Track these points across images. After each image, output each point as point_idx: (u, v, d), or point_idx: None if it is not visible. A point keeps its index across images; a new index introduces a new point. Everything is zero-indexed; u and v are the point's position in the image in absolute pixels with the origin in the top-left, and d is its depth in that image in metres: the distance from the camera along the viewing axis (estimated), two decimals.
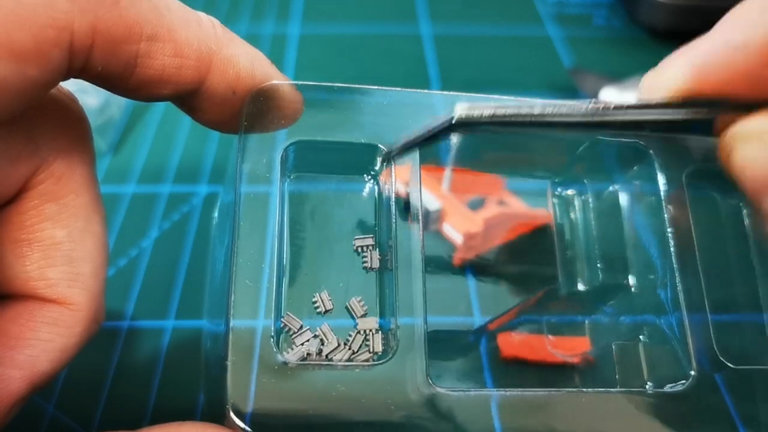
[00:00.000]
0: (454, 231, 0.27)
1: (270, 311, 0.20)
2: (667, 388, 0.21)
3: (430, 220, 0.26)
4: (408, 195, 0.22)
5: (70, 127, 0.20)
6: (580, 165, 0.26)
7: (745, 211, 0.27)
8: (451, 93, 0.24)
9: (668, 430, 0.20)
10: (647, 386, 0.23)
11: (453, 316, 0.25)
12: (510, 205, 0.28)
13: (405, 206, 0.22)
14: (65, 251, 0.19)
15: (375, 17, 0.47)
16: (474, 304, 0.25)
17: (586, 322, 0.26)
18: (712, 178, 0.26)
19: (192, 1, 0.19)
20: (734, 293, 0.26)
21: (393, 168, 0.23)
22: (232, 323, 0.19)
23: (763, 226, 0.26)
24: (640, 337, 0.25)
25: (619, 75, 0.39)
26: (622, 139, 0.25)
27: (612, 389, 0.21)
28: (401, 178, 0.22)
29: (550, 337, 0.25)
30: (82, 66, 0.17)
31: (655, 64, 0.42)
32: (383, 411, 0.19)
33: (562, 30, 0.47)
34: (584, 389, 0.21)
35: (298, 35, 0.45)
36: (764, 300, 0.25)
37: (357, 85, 0.23)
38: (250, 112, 0.21)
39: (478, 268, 0.27)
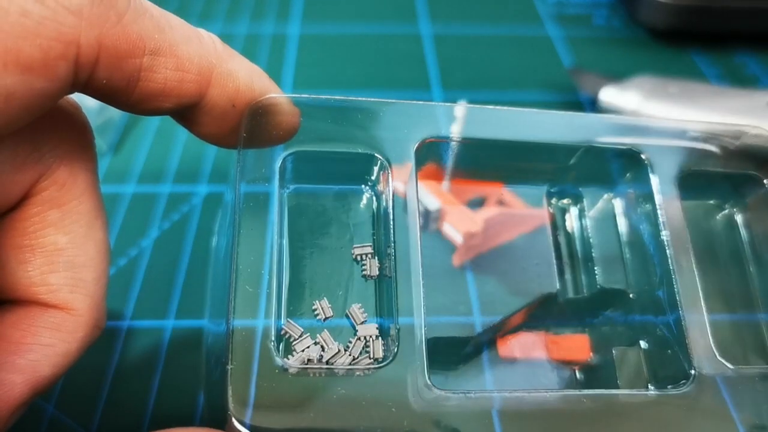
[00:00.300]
0: (453, 230, 0.27)
1: (270, 317, 0.20)
2: (669, 390, 0.21)
3: (430, 220, 0.27)
4: (406, 195, 0.22)
5: (73, 134, 0.20)
6: (574, 173, 0.27)
7: (739, 216, 0.27)
8: (448, 104, 0.24)
9: (670, 431, 0.21)
10: (649, 388, 0.23)
11: (453, 316, 0.25)
12: (509, 205, 0.28)
13: (404, 207, 0.22)
14: (67, 257, 0.19)
15: (375, 17, 0.47)
16: (474, 305, 0.25)
17: (586, 327, 0.26)
18: (705, 182, 0.26)
19: (192, 2, 0.19)
20: (731, 295, 0.26)
21: (390, 173, 0.23)
22: (232, 329, 0.19)
23: (755, 228, 0.26)
24: (640, 341, 0.25)
25: (619, 75, 0.39)
26: (616, 146, 0.25)
27: (613, 391, 0.22)
28: (400, 180, 0.23)
29: (550, 342, 0.26)
30: (86, 80, 0.17)
31: (655, 64, 0.43)
32: (384, 415, 0.19)
33: (562, 30, 0.47)
34: (586, 391, 0.21)
35: (298, 35, 0.45)
36: (761, 301, 0.25)
37: (354, 97, 0.23)
38: (248, 125, 0.21)
39: (477, 268, 0.27)
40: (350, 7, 0.48)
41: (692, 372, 0.21)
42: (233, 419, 0.18)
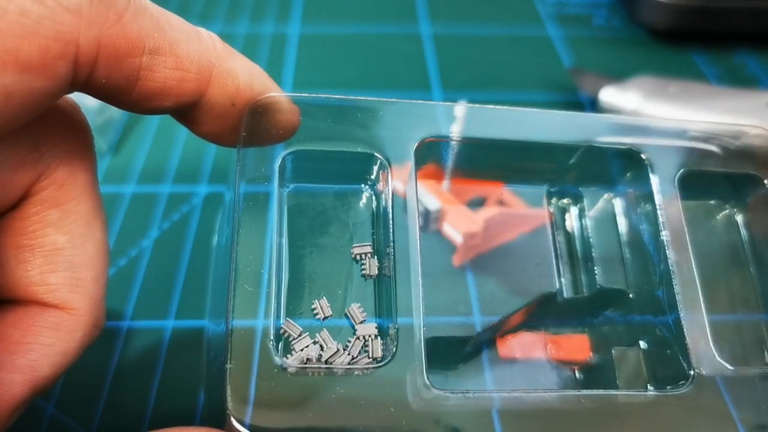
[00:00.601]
0: (453, 230, 0.27)
1: (269, 317, 0.20)
2: (668, 391, 0.21)
3: (430, 220, 0.27)
4: (406, 195, 0.23)
5: (72, 134, 0.20)
6: (575, 173, 0.26)
7: (739, 217, 0.27)
8: (448, 103, 0.24)
9: (670, 431, 0.20)
10: (648, 388, 0.23)
11: (452, 316, 0.25)
12: (509, 205, 0.28)
13: (404, 207, 0.22)
14: (66, 257, 0.20)
15: (375, 17, 0.47)
16: (474, 306, 0.25)
17: (585, 327, 0.26)
18: (706, 182, 0.26)
19: (193, 2, 0.19)
20: (731, 295, 0.26)
21: (390, 172, 0.23)
22: (231, 328, 0.19)
23: (755, 228, 0.26)
24: (639, 341, 0.25)
25: (619, 75, 0.39)
26: (616, 146, 0.25)
27: (612, 391, 0.22)
28: (400, 179, 0.23)
29: (550, 341, 0.26)
30: (86, 79, 0.17)
31: (655, 64, 0.43)
32: (383, 415, 0.19)
33: (562, 30, 0.47)
34: (585, 391, 0.21)
35: (298, 35, 0.45)
36: (761, 301, 0.25)
37: (354, 97, 0.23)
38: (248, 124, 0.21)
39: (477, 268, 0.27)
40: (350, 7, 0.48)
41: (691, 372, 0.21)
42: (232, 418, 0.18)
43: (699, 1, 0.43)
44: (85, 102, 0.21)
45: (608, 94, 0.38)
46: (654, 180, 0.24)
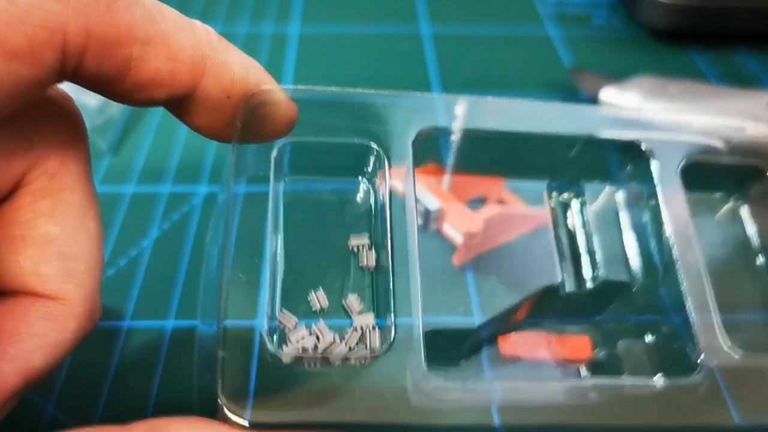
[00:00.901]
0: (454, 230, 0.27)
1: (265, 307, 0.20)
2: (673, 383, 0.21)
3: (430, 219, 0.26)
4: (404, 188, 0.22)
5: (64, 125, 0.20)
6: (575, 166, 0.26)
7: (743, 209, 0.27)
8: (444, 95, 0.24)
9: (674, 424, 0.20)
10: (653, 381, 0.23)
11: (452, 315, 0.25)
12: (510, 205, 0.28)
13: (402, 202, 0.22)
14: (59, 247, 0.19)
15: (375, 17, 0.47)
16: (474, 304, 0.25)
17: (589, 323, 0.26)
18: (708, 174, 0.26)
19: (193, 2, 0.19)
20: (738, 288, 0.26)
21: (387, 167, 0.23)
22: (225, 317, 0.19)
23: (760, 220, 0.26)
24: (645, 335, 0.25)
25: (619, 75, 0.38)
26: (616, 138, 0.25)
27: (618, 381, 0.21)
28: (398, 177, 0.23)
29: (553, 341, 0.25)
30: (74, 68, 0.17)
31: (655, 64, 0.43)
32: (380, 406, 0.19)
33: (562, 30, 0.47)
34: (590, 380, 0.21)
35: (298, 35, 0.45)
36: None
37: (350, 89, 0.23)
38: (244, 118, 0.21)
39: (478, 267, 0.27)
40: (350, 7, 0.48)
41: (698, 365, 0.21)
42: (225, 408, 0.18)
43: (699, 1, 0.43)
44: (85, 102, 0.21)
45: (608, 94, 0.37)
46: (656, 173, 0.24)
